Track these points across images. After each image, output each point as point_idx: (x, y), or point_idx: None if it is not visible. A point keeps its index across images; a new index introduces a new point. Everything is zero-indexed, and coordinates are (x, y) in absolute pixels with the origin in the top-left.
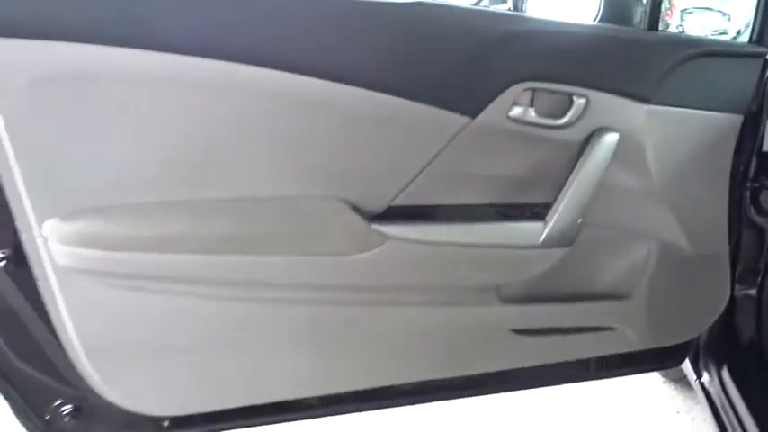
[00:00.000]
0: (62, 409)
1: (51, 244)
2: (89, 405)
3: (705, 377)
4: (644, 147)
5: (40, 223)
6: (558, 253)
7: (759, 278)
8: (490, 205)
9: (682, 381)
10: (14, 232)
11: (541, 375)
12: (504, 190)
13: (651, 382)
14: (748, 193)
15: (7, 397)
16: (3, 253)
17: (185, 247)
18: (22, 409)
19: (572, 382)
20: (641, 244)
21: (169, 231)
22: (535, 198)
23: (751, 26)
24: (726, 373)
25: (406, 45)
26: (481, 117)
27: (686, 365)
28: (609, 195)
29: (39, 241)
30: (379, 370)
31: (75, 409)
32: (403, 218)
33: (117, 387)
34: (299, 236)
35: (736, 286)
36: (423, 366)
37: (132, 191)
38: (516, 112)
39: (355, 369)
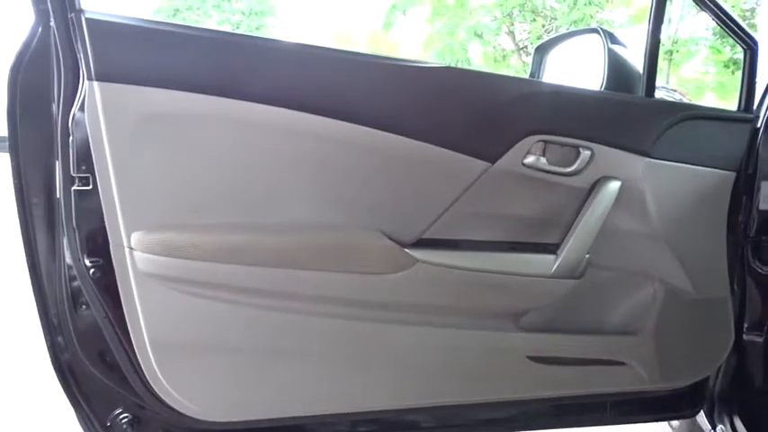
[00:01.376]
0: (122, 417)
1: (136, 253)
2: (147, 416)
3: (719, 428)
4: (644, 194)
5: (128, 235)
6: (569, 284)
7: (766, 327)
8: (505, 242)
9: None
10: (105, 243)
11: (559, 415)
12: (518, 229)
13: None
14: (750, 247)
15: (74, 403)
16: (93, 261)
17: (245, 259)
18: (86, 416)
19: (589, 425)
20: (647, 284)
21: (233, 245)
22: (545, 237)
23: (738, 94)
24: (739, 424)
25: (437, 101)
26: (499, 163)
27: (701, 416)
28: (614, 237)
29: (126, 251)
30: (401, 387)
31: (134, 419)
32: (431, 246)
33: (178, 388)
34: (341, 255)
35: (746, 335)
36: (443, 386)
37: (205, 212)
38: (530, 160)
39: (379, 384)
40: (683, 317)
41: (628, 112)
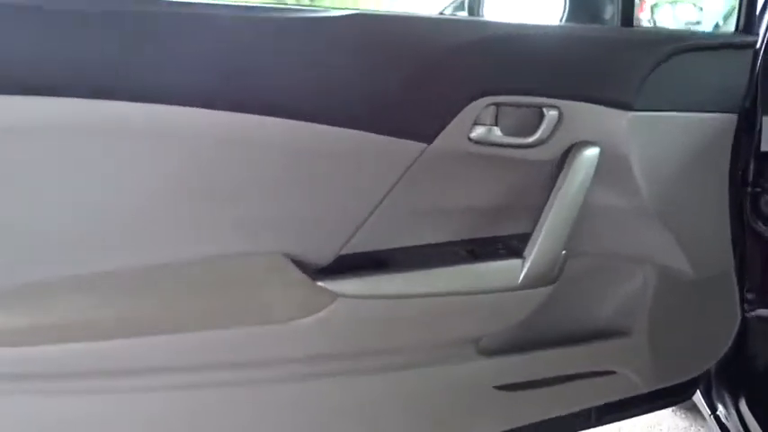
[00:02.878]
0: None
1: None
2: None
3: (720, 410)
4: (630, 159)
5: None
6: (542, 293)
7: None
8: (456, 243)
9: (693, 410)
10: None
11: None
12: (471, 224)
13: (659, 413)
14: (749, 200)
15: None
16: None
17: (88, 334)
18: None
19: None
20: (637, 271)
21: (71, 315)
22: (508, 230)
23: (737, 12)
24: (744, 406)
25: (344, 65)
26: (438, 142)
27: (698, 396)
28: (594, 219)
29: None
30: None
31: None
32: (354, 269)
33: None
34: (233, 304)
35: (746, 307)
36: None
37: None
38: (478, 132)
39: None
40: (681, 303)
41: (601, 50)
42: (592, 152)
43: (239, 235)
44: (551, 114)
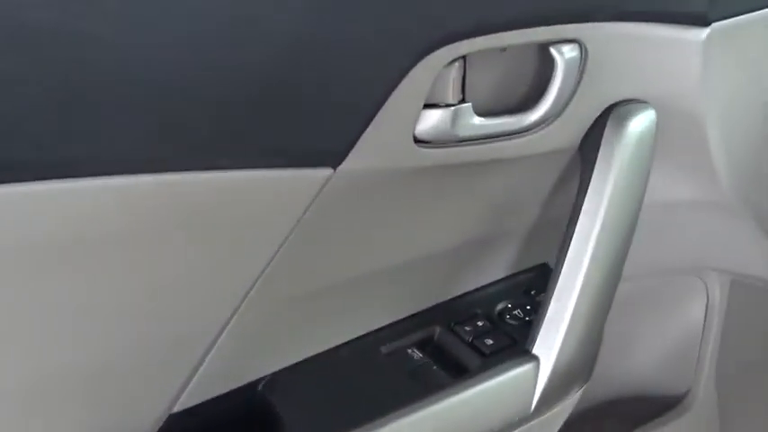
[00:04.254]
0: None
1: None
2: None
3: None
4: (703, 117)
5: None
6: (568, 407)
7: None
8: (398, 333)
9: None
10: None
11: None
12: (419, 290)
13: None
14: None
15: None
16: None
17: None
18: None
19: None
20: (697, 292)
21: None
22: (494, 295)
23: None
24: None
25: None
26: (352, 161)
27: None
28: (643, 226)
29: None
30: None
31: None
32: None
33: None
34: None
35: None
36: None
37: None
38: (430, 123)
39: None
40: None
41: None
42: (644, 118)
43: None
44: (568, 58)
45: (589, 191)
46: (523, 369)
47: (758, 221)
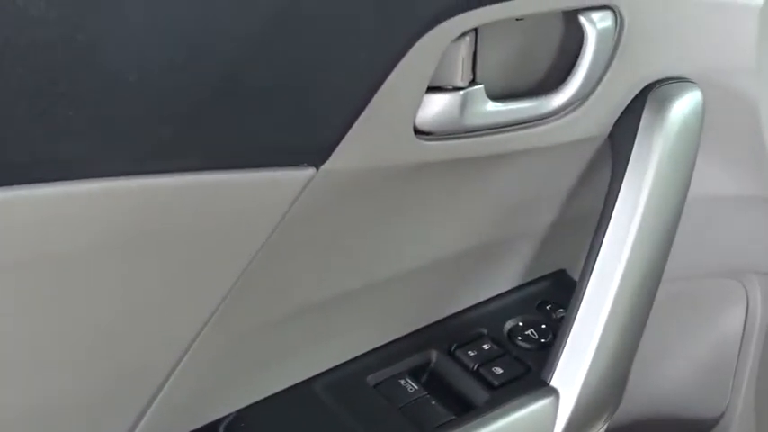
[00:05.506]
0: None
1: None
2: None
3: None
4: (758, 99)
5: None
6: None
7: None
8: (386, 358)
9: None
10: None
11: None
12: (411, 306)
13: None
14: None
15: None
16: None
17: None
18: None
19: None
20: (736, 298)
21: None
22: (502, 310)
23: None
24: None
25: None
26: (340, 156)
27: None
28: (686, 223)
29: None
30: None
31: None
32: None
33: None
34: None
35: None
36: None
37: None
38: (434, 110)
39: None
40: None
41: None
42: (689, 100)
43: None
44: (600, 28)
45: (623, 188)
46: (540, 405)
47: None
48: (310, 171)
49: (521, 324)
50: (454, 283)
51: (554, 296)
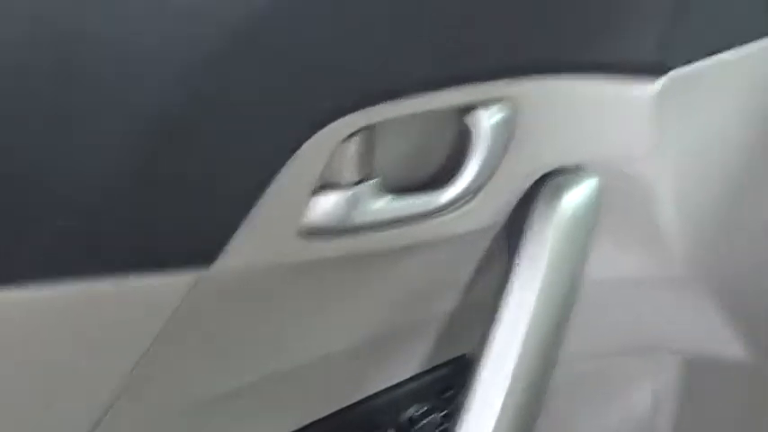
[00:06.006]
0: None
1: None
2: None
3: None
4: (653, 184)
5: None
6: None
7: None
8: None
9: None
10: None
11: None
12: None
13: None
14: None
15: None
16: None
17: None
18: None
19: None
20: (644, 376)
21: None
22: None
23: None
24: None
25: None
26: (221, 262)
27: None
28: (582, 305)
29: None
30: None
31: None
32: None
33: None
34: None
35: None
36: None
37: None
38: (320, 210)
39: None
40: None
41: None
42: (583, 189)
43: None
44: (494, 121)
45: (516, 276)
46: None
47: (719, 295)
48: (194, 275)
49: (423, 411)
50: (353, 374)
51: (456, 381)
